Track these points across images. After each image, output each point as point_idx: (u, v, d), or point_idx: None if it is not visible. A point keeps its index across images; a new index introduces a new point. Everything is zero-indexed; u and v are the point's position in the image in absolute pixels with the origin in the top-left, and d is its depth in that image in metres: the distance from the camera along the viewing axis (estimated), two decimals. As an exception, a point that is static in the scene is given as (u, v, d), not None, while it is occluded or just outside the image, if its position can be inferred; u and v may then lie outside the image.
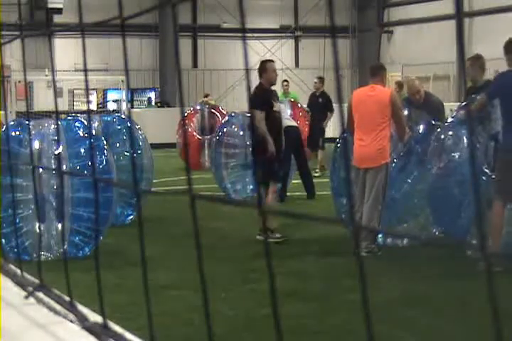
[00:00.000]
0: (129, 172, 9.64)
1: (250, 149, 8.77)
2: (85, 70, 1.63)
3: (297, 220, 9.11)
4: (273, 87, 9.27)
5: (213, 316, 1.15)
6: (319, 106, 15.64)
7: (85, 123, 8.34)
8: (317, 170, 14.96)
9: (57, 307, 1.70)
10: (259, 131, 8.63)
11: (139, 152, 10.61)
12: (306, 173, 12.64)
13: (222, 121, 14.35)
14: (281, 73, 28.61)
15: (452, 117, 8.42)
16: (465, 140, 7.97)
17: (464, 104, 8.67)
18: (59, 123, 2.58)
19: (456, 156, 8.02)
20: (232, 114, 13.88)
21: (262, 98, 8.80)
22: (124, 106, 23.26)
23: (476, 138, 7.80)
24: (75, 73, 25.63)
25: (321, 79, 16.10)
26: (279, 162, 8.97)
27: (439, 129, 8.42)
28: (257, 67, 9.11)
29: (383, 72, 8.59)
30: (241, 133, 13.12)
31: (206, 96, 22.25)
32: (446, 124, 8.42)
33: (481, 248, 0.83)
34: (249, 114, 12.96)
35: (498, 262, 6.45)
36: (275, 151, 8.72)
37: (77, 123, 8.40)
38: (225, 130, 13.32)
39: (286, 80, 18.80)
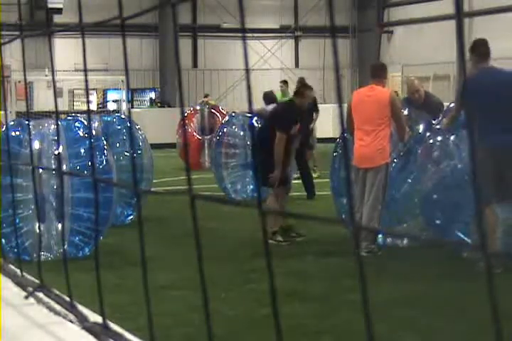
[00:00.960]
0: (129, 172, 9.64)
1: (259, 152, 8.73)
2: (85, 70, 1.63)
3: (297, 220, 9.12)
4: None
5: (213, 316, 1.15)
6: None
7: (85, 123, 8.34)
8: (315, 170, 14.93)
9: (57, 307, 1.70)
10: (275, 151, 8.63)
11: (139, 152, 10.61)
12: (306, 173, 12.65)
13: (223, 121, 14.36)
14: (281, 73, 28.66)
15: (438, 123, 8.38)
16: (452, 145, 7.99)
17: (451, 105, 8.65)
18: (59, 123, 2.58)
19: (443, 165, 8.04)
20: (233, 114, 13.88)
21: (290, 120, 8.81)
22: (124, 106, 23.25)
23: (459, 143, 7.82)
24: (75, 73, 25.64)
25: (302, 80, 15.87)
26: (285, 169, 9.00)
27: (428, 134, 8.42)
28: (297, 84, 9.15)
29: (384, 72, 8.56)
30: (241, 133, 13.13)
31: (206, 96, 22.27)
32: (434, 130, 8.40)
33: (481, 247, 0.83)
34: (249, 114, 12.94)
35: (498, 263, 6.45)
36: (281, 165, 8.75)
37: (77, 123, 8.40)
38: (225, 130, 13.32)
39: (285, 81, 18.71)
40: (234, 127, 13.30)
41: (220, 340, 4.92)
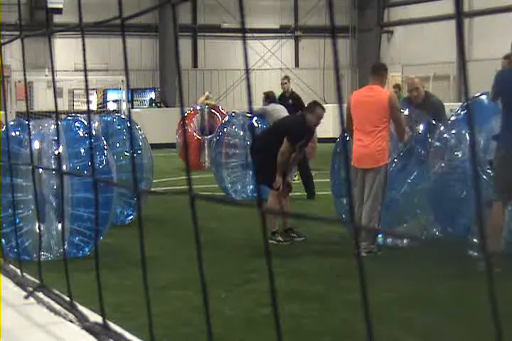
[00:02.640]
0: (129, 172, 9.64)
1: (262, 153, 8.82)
2: (85, 70, 1.63)
3: (297, 220, 9.12)
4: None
5: (213, 316, 1.15)
6: (289, 107, 14.91)
7: (85, 123, 8.34)
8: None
9: (57, 307, 1.70)
10: (279, 160, 8.66)
11: (139, 152, 10.61)
12: (306, 173, 12.64)
13: (222, 121, 14.35)
14: (281, 73, 28.65)
15: (456, 115, 8.37)
16: (467, 138, 7.95)
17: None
18: (59, 123, 2.58)
19: (459, 155, 7.99)
20: (232, 114, 13.88)
21: (300, 136, 8.87)
22: (124, 106, 23.24)
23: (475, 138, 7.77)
24: (75, 73, 25.62)
25: (288, 78, 15.50)
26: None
27: (442, 128, 8.39)
28: (308, 103, 9.18)
29: (384, 72, 8.52)
30: (241, 133, 13.13)
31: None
32: (448, 123, 8.39)
33: (481, 247, 0.83)
34: (249, 114, 12.95)
35: (498, 262, 6.44)
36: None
37: (77, 123, 8.40)
38: (225, 130, 13.33)
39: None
40: (234, 127, 13.30)
41: (220, 340, 4.92)
